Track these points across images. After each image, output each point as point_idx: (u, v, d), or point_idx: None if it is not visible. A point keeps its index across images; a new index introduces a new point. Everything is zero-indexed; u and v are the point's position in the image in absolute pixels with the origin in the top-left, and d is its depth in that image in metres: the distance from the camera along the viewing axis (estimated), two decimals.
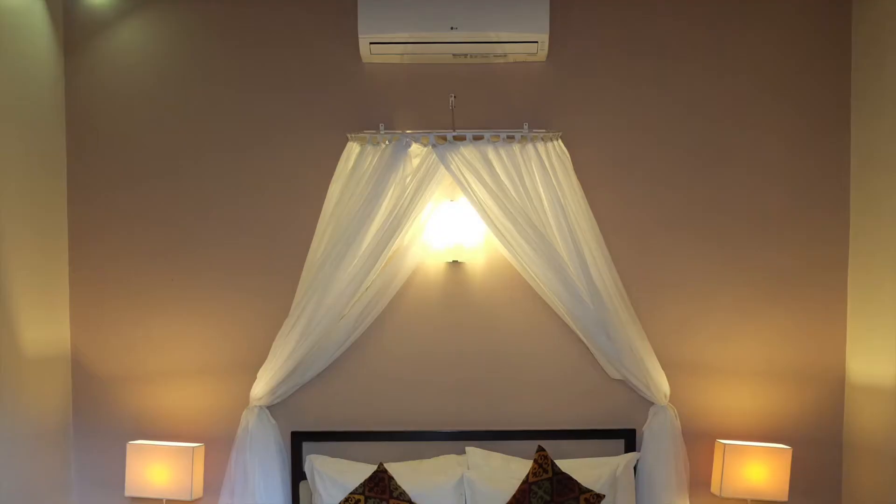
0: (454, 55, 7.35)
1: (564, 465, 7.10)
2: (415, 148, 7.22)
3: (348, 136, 7.27)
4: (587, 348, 7.42)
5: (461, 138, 7.16)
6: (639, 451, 7.35)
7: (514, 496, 6.92)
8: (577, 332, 7.35)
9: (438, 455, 7.35)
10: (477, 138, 7.17)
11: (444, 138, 7.15)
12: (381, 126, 7.23)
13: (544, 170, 7.18)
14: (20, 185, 6.89)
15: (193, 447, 7.11)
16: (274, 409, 7.35)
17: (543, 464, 6.98)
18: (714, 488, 7.26)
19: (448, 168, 7.13)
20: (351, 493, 6.94)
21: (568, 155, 7.25)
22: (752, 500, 7.16)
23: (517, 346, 7.54)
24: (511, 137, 7.19)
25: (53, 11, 7.39)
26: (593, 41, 7.55)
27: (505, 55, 7.38)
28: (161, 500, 7.17)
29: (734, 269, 7.53)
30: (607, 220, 7.34)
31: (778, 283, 7.54)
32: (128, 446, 7.17)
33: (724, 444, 7.16)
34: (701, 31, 7.56)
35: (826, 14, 7.57)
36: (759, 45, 7.57)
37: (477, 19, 7.08)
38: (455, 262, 7.51)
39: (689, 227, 7.53)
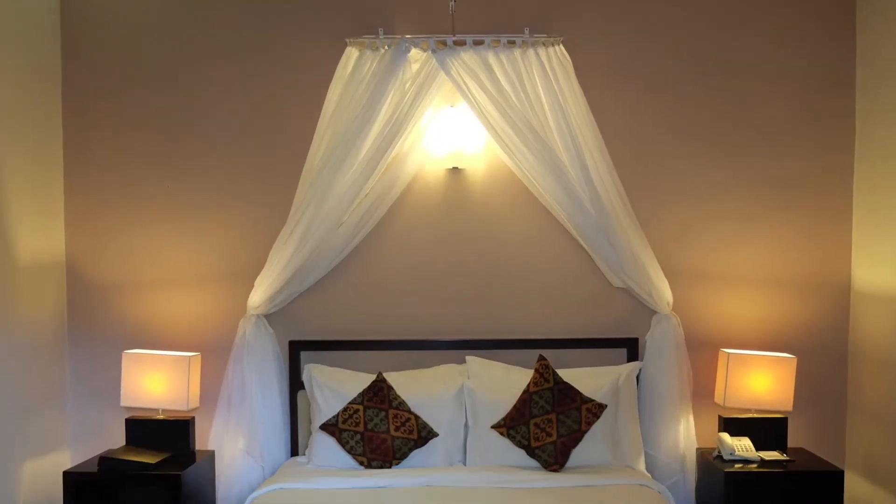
0: None
1: (566, 374, 6.81)
2: (414, 53, 6.85)
3: (347, 41, 6.89)
4: (589, 256, 7.16)
5: (461, 43, 6.78)
6: (641, 360, 7.12)
7: (514, 406, 6.66)
8: (579, 239, 7.09)
9: (438, 365, 7.13)
10: (477, 43, 6.80)
11: (444, 43, 6.78)
12: (380, 31, 6.85)
13: (545, 75, 6.81)
14: (14, 93, 6.62)
15: (190, 356, 6.86)
16: (272, 317, 7.09)
17: (544, 373, 6.69)
18: (718, 398, 6.97)
19: (448, 73, 6.77)
20: (350, 403, 6.70)
21: (569, 60, 6.86)
22: (757, 410, 6.88)
23: (518, 254, 7.27)
24: (512, 42, 6.81)
25: None
26: None
27: None
28: (157, 409, 6.90)
29: (738, 176, 7.24)
30: (609, 126, 6.98)
31: (782, 191, 7.23)
32: (123, 355, 6.90)
33: (728, 354, 6.89)
34: None
35: None
36: None
37: None
38: (455, 168, 7.22)
39: (692, 133, 7.23)
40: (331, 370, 7.00)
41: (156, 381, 6.78)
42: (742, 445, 6.62)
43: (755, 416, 6.88)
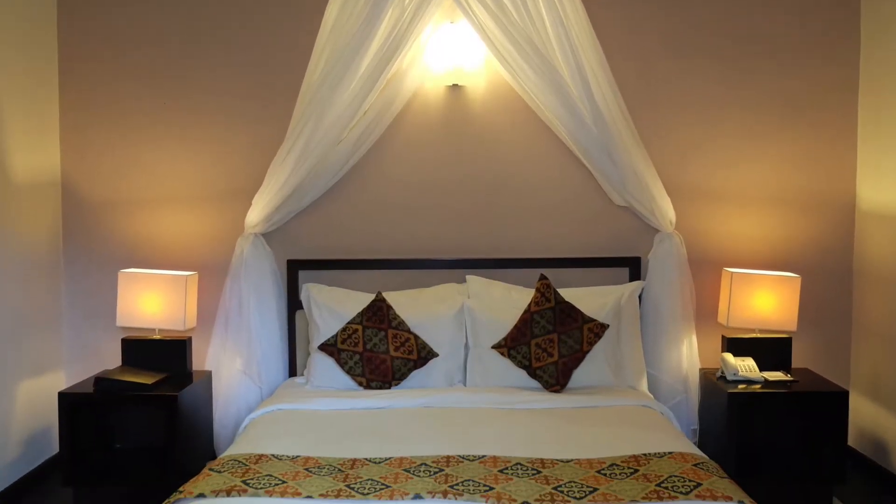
0: None
1: (567, 294, 6.62)
2: None
3: None
4: (590, 174, 6.96)
5: None
6: (644, 279, 6.94)
7: (515, 325, 6.46)
8: (580, 156, 6.87)
9: (438, 284, 6.95)
10: None
11: None
12: None
13: None
14: (8, 8, 6.44)
15: (187, 276, 6.65)
16: (270, 236, 6.91)
17: (546, 292, 6.48)
18: (721, 318, 6.78)
19: None
20: (349, 323, 6.51)
21: None
22: (760, 330, 6.69)
23: (519, 172, 7.07)
24: None
25: None
26: None
27: None
28: (153, 329, 6.71)
29: (741, 93, 7.01)
30: (611, 42, 6.74)
31: (786, 107, 7.02)
32: (119, 275, 6.66)
33: (732, 273, 6.69)
34: None
35: None
36: None
37: None
38: (455, 85, 6.99)
39: (695, 48, 7.00)
40: (329, 289, 6.83)
41: (152, 301, 6.59)
42: (746, 366, 6.45)
43: (759, 336, 6.70)
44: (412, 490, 4.48)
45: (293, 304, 6.97)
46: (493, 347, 6.46)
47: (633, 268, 6.99)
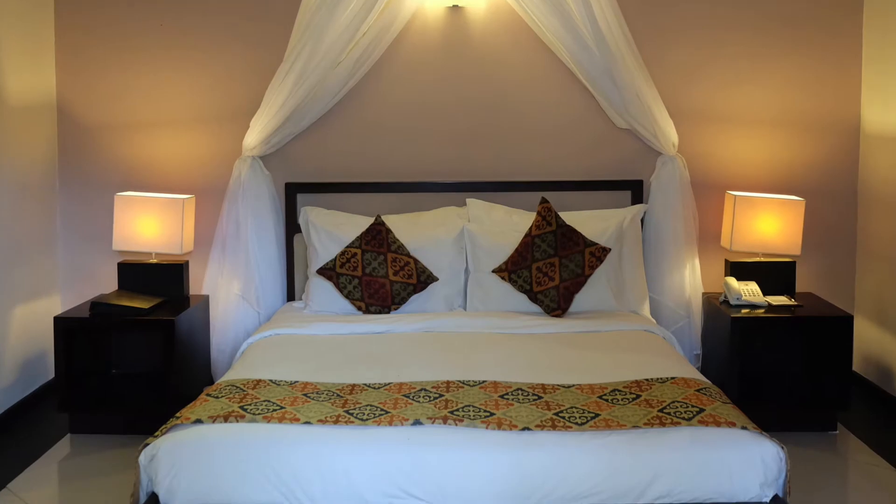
0: None
1: (569, 217, 6.50)
2: None
3: None
4: (592, 96, 6.83)
5: None
6: (646, 203, 6.83)
7: (516, 249, 6.35)
8: (582, 79, 6.76)
9: (438, 207, 6.84)
10: None
11: None
12: None
13: None
14: None
15: (184, 199, 6.55)
16: (268, 159, 6.81)
17: (547, 216, 6.36)
18: (724, 242, 6.68)
19: None
20: (347, 247, 6.41)
21: None
22: (764, 254, 6.61)
23: (521, 95, 6.93)
24: None
25: None
26: None
27: None
28: (150, 253, 6.63)
29: (745, 14, 6.86)
30: None
31: (790, 28, 6.88)
32: (115, 198, 6.57)
33: (735, 196, 6.57)
34: None
35: None
36: None
37: None
38: (455, 6, 6.82)
39: None
40: (328, 213, 6.72)
41: (148, 225, 6.50)
42: (749, 290, 6.35)
43: (762, 260, 6.61)
44: (412, 416, 4.40)
45: (291, 227, 6.88)
46: (494, 271, 6.36)
47: (636, 191, 6.87)
